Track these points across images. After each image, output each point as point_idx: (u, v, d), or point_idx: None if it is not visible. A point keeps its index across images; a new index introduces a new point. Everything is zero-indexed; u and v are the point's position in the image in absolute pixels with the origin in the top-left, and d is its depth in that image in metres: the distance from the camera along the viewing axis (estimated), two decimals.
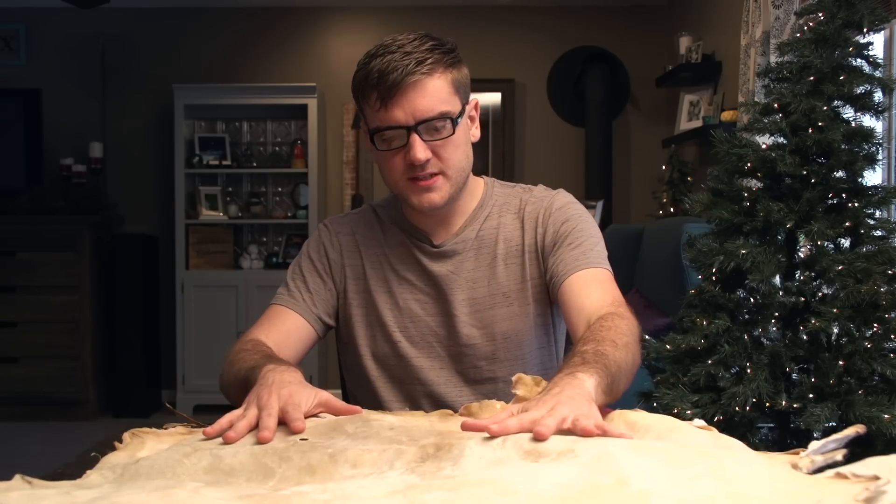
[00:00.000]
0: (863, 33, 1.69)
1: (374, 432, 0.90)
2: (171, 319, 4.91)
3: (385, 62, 1.22)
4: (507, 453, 0.78)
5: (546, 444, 0.78)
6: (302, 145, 4.99)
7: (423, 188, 1.28)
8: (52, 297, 4.59)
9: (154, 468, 0.83)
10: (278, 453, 0.84)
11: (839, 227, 1.61)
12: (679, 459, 0.72)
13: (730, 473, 0.69)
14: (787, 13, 2.95)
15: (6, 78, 4.99)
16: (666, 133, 4.65)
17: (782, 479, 0.71)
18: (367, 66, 1.25)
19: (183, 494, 0.69)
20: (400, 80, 1.21)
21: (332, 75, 5.08)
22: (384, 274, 1.40)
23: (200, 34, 5.13)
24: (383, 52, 1.24)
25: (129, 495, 0.69)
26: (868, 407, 1.49)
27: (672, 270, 3.03)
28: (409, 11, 5.08)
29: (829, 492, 0.65)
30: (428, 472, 0.76)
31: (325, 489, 0.70)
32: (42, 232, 4.62)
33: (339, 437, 0.89)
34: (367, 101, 1.27)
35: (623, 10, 5.09)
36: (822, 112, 1.63)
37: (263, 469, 0.82)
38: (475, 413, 1.03)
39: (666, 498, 0.63)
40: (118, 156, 5.11)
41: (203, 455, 0.85)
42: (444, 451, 0.80)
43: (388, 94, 1.22)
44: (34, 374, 4.58)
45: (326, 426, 0.94)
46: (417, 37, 1.26)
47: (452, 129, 1.26)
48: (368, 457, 0.81)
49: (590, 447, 0.75)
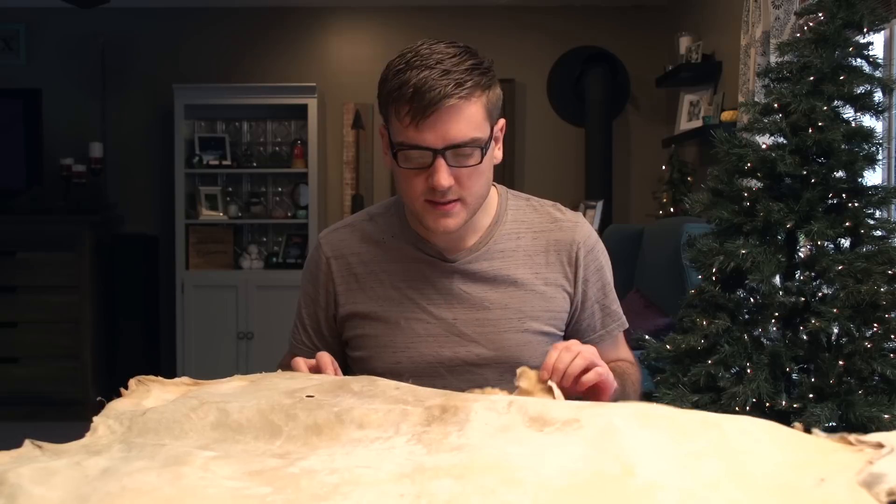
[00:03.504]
0: (863, 33, 1.69)
1: (379, 391, 0.89)
2: (171, 319, 4.91)
3: (422, 79, 1.15)
4: (512, 419, 0.77)
5: (551, 410, 0.78)
6: (302, 145, 4.99)
7: (440, 213, 1.22)
8: (52, 297, 4.58)
9: (162, 423, 0.83)
10: (285, 410, 0.84)
11: (839, 227, 1.61)
12: (684, 430, 0.71)
13: (734, 445, 0.69)
14: (787, 13, 2.95)
15: (6, 78, 4.99)
16: (666, 133, 4.65)
17: (786, 445, 0.70)
18: (401, 76, 1.17)
19: (193, 475, 0.68)
20: (437, 101, 1.15)
21: (332, 75, 5.08)
22: (385, 292, 1.33)
23: (200, 34, 5.13)
24: (420, 64, 1.17)
25: (138, 473, 0.68)
26: (868, 407, 1.49)
27: (672, 270, 3.03)
28: (409, 11, 5.08)
29: (834, 464, 0.64)
30: (434, 439, 0.76)
31: (333, 468, 0.70)
32: (42, 232, 4.62)
33: (344, 395, 0.89)
34: (396, 114, 1.19)
35: (623, 10, 5.09)
36: (822, 112, 1.63)
37: (270, 427, 0.82)
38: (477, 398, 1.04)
39: (672, 491, 0.63)
40: (118, 156, 5.11)
41: (210, 409, 0.85)
42: (450, 415, 0.79)
43: (421, 114, 1.15)
44: (34, 374, 4.58)
45: (333, 384, 0.94)
46: (457, 53, 1.19)
47: (480, 158, 1.20)
48: (374, 417, 0.81)
49: (594, 416, 0.75)
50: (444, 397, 0.85)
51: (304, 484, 0.68)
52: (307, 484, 0.68)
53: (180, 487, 0.66)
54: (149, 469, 0.70)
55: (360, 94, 5.06)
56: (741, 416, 0.77)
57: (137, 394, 0.95)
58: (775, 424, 0.75)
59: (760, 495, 0.62)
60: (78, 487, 0.67)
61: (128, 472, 0.69)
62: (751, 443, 0.70)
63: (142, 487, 0.66)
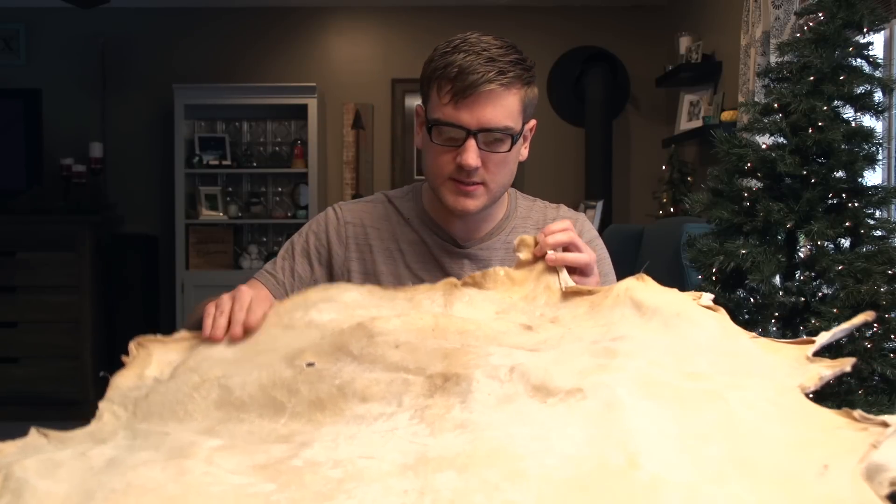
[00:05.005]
0: (863, 33, 1.69)
1: (379, 353, 0.86)
2: (171, 319, 4.90)
3: (468, 61, 1.20)
4: (514, 388, 0.76)
5: (554, 379, 0.76)
6: (302, 145, 4.99)
7: (462, 192, 1.27)
8: (52, 297, 4.58)
9: (165, 405, 0.83)
10: (286, 385, 0.83)
11: (839, 227, 1.61)
12: (687, 402, 0.69)
13: (738, 423, 0.67)
14: (787, 13, 2.95)
15: (6, 78, 4.99)
16: (666, 133, 4.65)
17: (791, 418, 0.68)
18: (447, 57, 1.23)
19: (197, 470, 0.68)
20: (479, 83, 1.20)
21: (332, 75, 5.08)
22: (397, 271, 1.36)
23: (200, 34, 5.13)
24: (468, 48, 1.22)
25: (143, 467, 0.68)
26: (868, 407, 1.49)
27: (672, 270, 3.02)
28: (409, 11, 5.08)
29: (838, 445, 0.63)
30: (437, 415, 0.74)
31: (337, 459, 0.69)
32: (42, 232, 4.62)
33: (344, 359, 0.87)
34: (437, 91, 1.24)
35: (623, 10, 5.09)
36: (822, 112, 1.62)
37: (273, 403, 0.81)
38: (479, 282, 1.02)
39: (676, 487, 0.61)
40: (118, 156, 5.11)
41: (212, 387, 0.84)
42: (452, 384, 0.78)
43: (461, 94, 1.21)
44: (34, 374, 4.57)
45: (331, 345, 0.90)
46: (504, 45, 1.24)
47: (510, 146, 1.25)
48: (376, 389, 0.80)
49: (598, 386, 0.72)
50: (446, 361, 0.83)
51: (308, 479, 0.67)
52: (311, 479, 0.67)
53: (184, 484, 0.66)
54: (153, 462, 0.69)
55: (360, 94, 5.05)
56: (747, 381, 0.74)
57: (139, 360, 0.94)
58: (781, 388, 0.72)
59: (763, 489, 0.61)
60: (83, 481, 0.67)
61: (132, 466, 0.68)
62: (756, 418, 0.68)
63: (146, 484, 0.65)
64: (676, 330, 0.85)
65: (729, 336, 0.84)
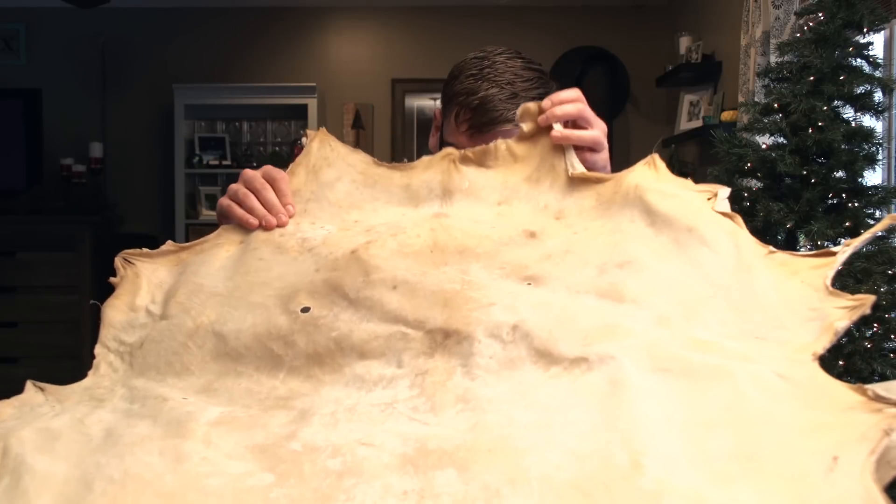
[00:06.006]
0: (863, 33, 1.69)
1: (376, 298, 0.83)
2: None
3: (491, 95, 1.18)
4: (517, 351, 0.73)
5: (559, 345, 0.73)
6: (302, 145, 4.99)
7: None
8: (52, 297, 4.58)
9: (161, 356, 0.82)
10: (283, 337, 0.81)
11: (839, 227, 1.61)
12: (696, 381, 0.67)
13: (747, 407, 0.64)
14: (787, 13, 2.95)
15: (6, 78, 4.99)
16: (666, 133, 4.65)
17: (802, 397, 0.65)
18: (471, 83, 1.20)
19: (195, 456, 0.67)
20: (497, 122, 1.18)
21: (332, 75, 5.07)
22: None
23: (200, 34, 5.13)
24: (493, 78, 1.19)
25: (140, 450, 0.67)
26: None
27: None
28: (409, 11, 5.08)
29: (849, 431, 0.60)
30: (437, 382, 0.73)
31: (336, 449, 0.68)
32: (42, 232, 4.62)
33: (340, 302, 0.84)
34: (455, 117, 1.23)
35: (623, 10, 5.09)
36: (822, 112, 1.63)
37: (270, 356, 0.80)
38: (479, 158, 0.97)
39: (678, 492, 0.60)
40: (118, 156, 5.11)
41: (206, 335, 0.83)
42: (453, 342, 0.76)
43: (478, 129, 1.19)
44: (34, 374, 4.51)
45: (326, 284, 0.86)
46: (532, 77, 1.21)
47: None
48: (375, 344, 0.78)
49: (603, 357, 0.70)
50: (447, 311, 0.79)
51: (307, 469, 0.66)
52: (310, 470, 0.66)
53: (182, 475, 0.65)
54: (150, 440, 0.69)
55: (360, 94, 5.05)
56: (757, 348, 0.71)
57: (128, 284, 0.92)
58: (793, 357, 0.69)
59: (769, 492, 0.60)
60: (81, 460, 0.67)
61: (129, 445, 0.68)
62: (766, 400, 0.65)
63: (143, 474, 0.65)
64: (687, 254, 0.81)
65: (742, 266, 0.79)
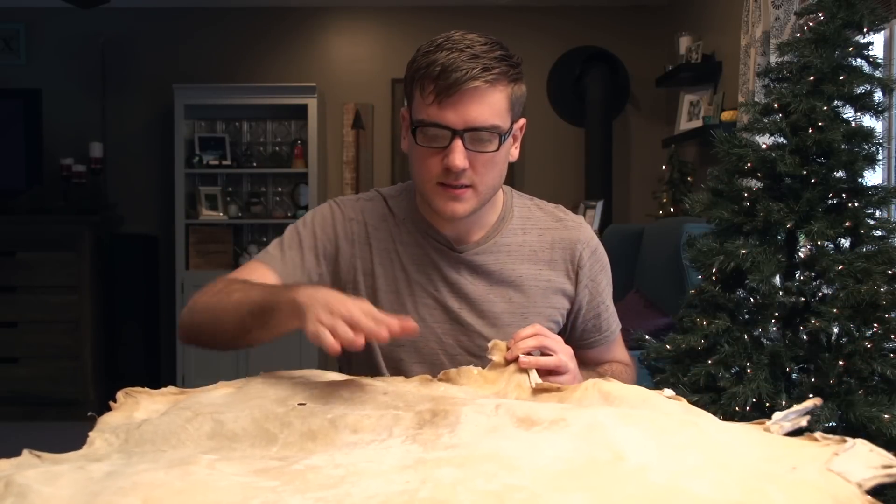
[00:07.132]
0: (863, 33, 1.69)
1: (369, 397, 0.91)
2: (171, 319, 4.91)
3: (451, 59, 1.17)
4: (500, 420, 0.80)
5: (538, 411, 0.80)
6: (302, 145, 4.99)
7: (450, 196, 1.23)
8: (52, 297, 4.58)
9: (158, 434, 0.83)
10: (279, 419, 0.84)
11: (839, 227, 1.60)
12: (664, 428, 0.75)
13: (712, 441, 0.73)
14: (787, 13, 2.95)
15: (6, 78, 4.99)
16: (666, 133, 4.65)
17: (759, 442, 0.74)
18: (429, 56, 1.20)
19: (201, 472, 0.68)
20: (462, 81, 1.16)
21: (332, 75, 5.08)
22: (393, 273, 1.33)
23: (200, 34, 5.13)
24: (451, 46, 1.19)
25: (146, 472, 0.68)
26: (868, 407, 1.49)
27: (672, 270, 3.03)
28: (409, 11, 5.08)
29: (803, 455, 0.69)
30: (428, 439, 0.77)
31: (337, 464, 0.71)
32: (42, 232, 4.62)
33: (335, 401, 0.90)
34: (421, 91, 1.21)
35: (623, 10, 5.09)
36: (822, 112, 1.62)
37: (266, 434, 0.82)
38: (453, 378, 1.06)
39: (660, 472, 0.66)
40: (118, 156, 5.11)
41: (205, 420, 0.85)
42: (440, 418, 0.81)
43: (445, 92, 1.17)
44: (34, 374, 4.58)
45: (322, 392, 0.94)
46: (488, 42, 1.21)
47: (498, 146, 1.21)
48: (367, 422, 0.82)
49: (580, 416, 0.78)
50: (433, 402, 0.87)
51: (311, 477, 0.68)
52: (314, 477, 0.68)
53: (190, 482, 0.66)
54: (155, 469, 0.69)
55: (360, 94, 5.05)
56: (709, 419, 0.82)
57: (127, 406, 0.96)
58: (748, 426, 0.80)
59: (741, 478, 0.66)
60: (86, 486, 0.67)
61: (134, 472, 0.68)
62: (728, 438, 0.74)
63: (153, 482, 0.66)
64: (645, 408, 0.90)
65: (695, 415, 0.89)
